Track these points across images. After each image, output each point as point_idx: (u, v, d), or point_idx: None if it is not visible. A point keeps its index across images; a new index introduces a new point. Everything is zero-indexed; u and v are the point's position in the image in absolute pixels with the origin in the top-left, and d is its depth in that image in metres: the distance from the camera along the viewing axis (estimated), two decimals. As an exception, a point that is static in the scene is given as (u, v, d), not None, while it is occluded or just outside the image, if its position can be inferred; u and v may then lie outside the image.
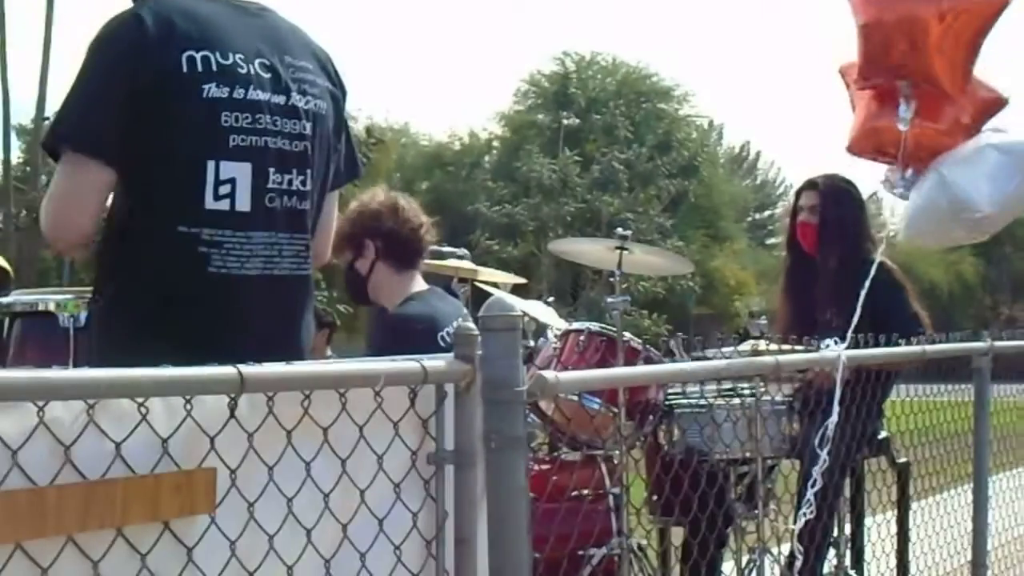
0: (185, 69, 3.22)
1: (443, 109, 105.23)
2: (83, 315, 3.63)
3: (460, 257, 7.40)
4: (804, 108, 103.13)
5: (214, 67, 3.26)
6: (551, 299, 8.64)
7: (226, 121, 3.27)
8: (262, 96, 3.34)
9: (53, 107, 32.91)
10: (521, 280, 8.67)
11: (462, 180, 47.58)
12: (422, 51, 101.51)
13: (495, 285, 7.38)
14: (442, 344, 4.83)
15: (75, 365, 4.09)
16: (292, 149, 3.42)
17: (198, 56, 3.24)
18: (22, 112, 46.78)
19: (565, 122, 47.32)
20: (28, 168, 41.22)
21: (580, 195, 41.83)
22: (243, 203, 3.30)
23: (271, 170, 3.36)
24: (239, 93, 3.29)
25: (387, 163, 42.92)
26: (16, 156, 42.89)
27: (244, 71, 3.32)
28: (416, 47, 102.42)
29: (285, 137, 3.39)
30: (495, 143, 51.79)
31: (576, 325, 5.85)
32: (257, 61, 3.36)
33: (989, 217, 5.20)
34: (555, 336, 5.87)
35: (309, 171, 3.47)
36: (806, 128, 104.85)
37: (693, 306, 44.36)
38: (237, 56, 3.31)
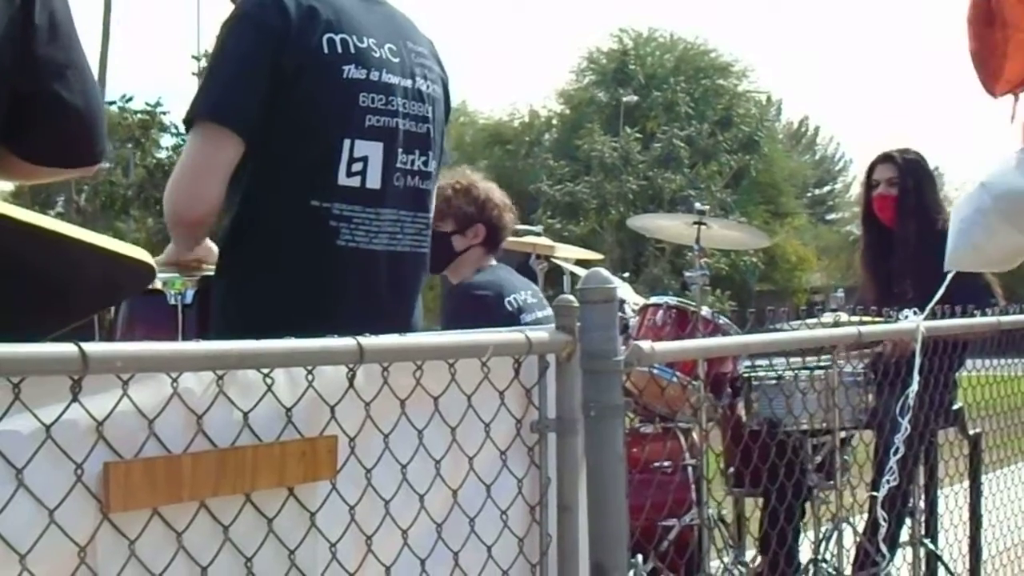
0: (326, 51, 3.34)
1: (499, 87, 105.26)
2: (190, 292, 3.69)
3: (537, 234, 7.52)
4: (861, 83, 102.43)
5: (352, 50, 3.38)
6: (626, 275, 8.70)
7: (363, 102, 3.40)
8: (394, 79, 3.47)
9: (113, 93, 33.01)
10: (598, 256, 8.73)
11: (521, 158, 47.57)
12: (476, 29, 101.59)
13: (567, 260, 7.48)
14: (509, 309, 4.99)
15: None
16: (417, 131, 3.54)
17: (338, 39, 3.36)
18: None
19: (624, 99, 47.25)
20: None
21: (642, 172, 41.76)
22: (374, 181, 3.41)
23: (400, 150, 3.48)
24: (375, 75, 3.41)
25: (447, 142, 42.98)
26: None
27: (377, 55, 3.44)
28: (470, 24, 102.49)
29: (412, 119, 3.52)
30: (555, 121, 51.74)
31: (654, 300, 5.92)
32: (386, 46, 3.49)
33: None
34: (632, 311, 5.94)
35: (431, 152, 3.60)
36: (863, 103, 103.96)
37: (755, 282, 44.27)
38: (371, 40, 3.44)
